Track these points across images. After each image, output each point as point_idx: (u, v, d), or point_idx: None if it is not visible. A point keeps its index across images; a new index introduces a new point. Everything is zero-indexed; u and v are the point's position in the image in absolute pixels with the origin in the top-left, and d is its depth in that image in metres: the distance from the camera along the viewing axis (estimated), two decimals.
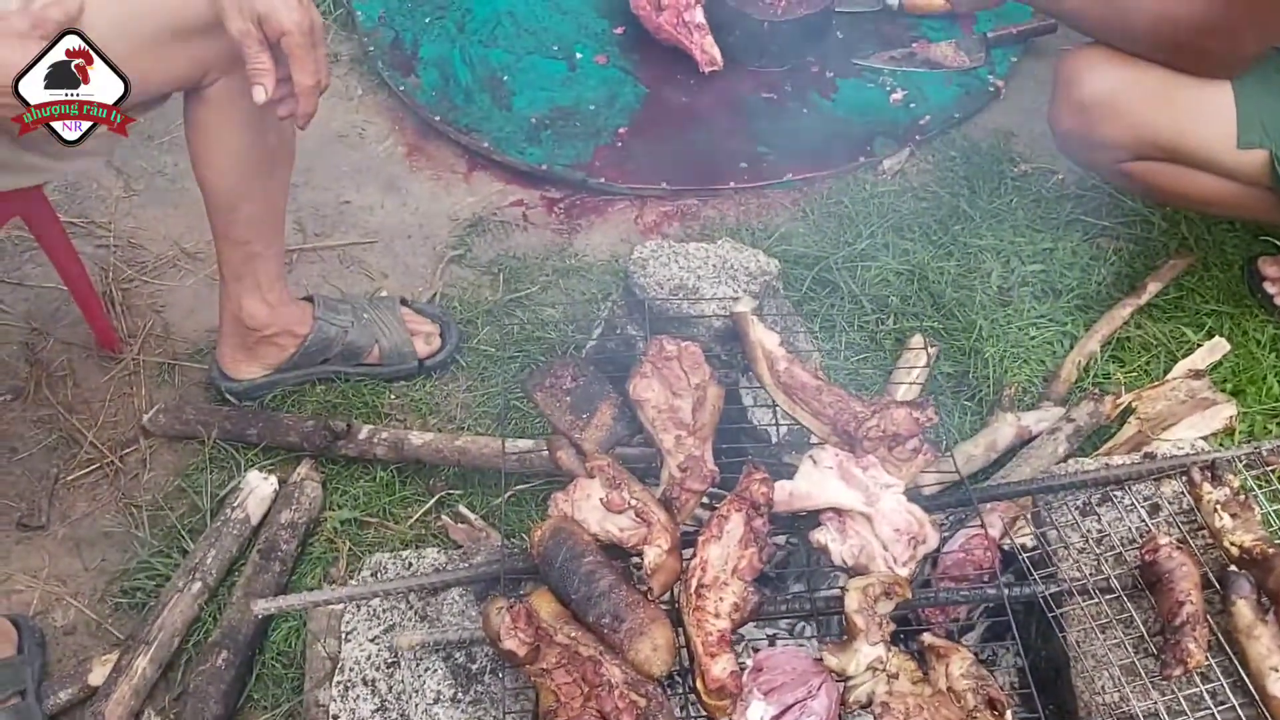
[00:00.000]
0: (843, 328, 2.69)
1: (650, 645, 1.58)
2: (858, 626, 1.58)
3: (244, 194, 2.28)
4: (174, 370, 2.74)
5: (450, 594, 1.88)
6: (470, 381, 2.66)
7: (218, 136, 2.18)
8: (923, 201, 3.00)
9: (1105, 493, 1.91)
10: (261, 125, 2.18)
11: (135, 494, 2.49)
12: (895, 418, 1.86)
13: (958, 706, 1.55)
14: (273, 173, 2.31)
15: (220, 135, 2.18)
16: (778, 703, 1.58)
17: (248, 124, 2.17)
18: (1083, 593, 1.77)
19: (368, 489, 2.45)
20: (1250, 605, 1.65)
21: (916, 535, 1.75)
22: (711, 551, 1.71)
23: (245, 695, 2.18)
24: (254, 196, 2.30)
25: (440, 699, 1.73)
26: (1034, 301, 2.73)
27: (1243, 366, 2.58)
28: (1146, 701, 1.66)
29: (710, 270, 2.29)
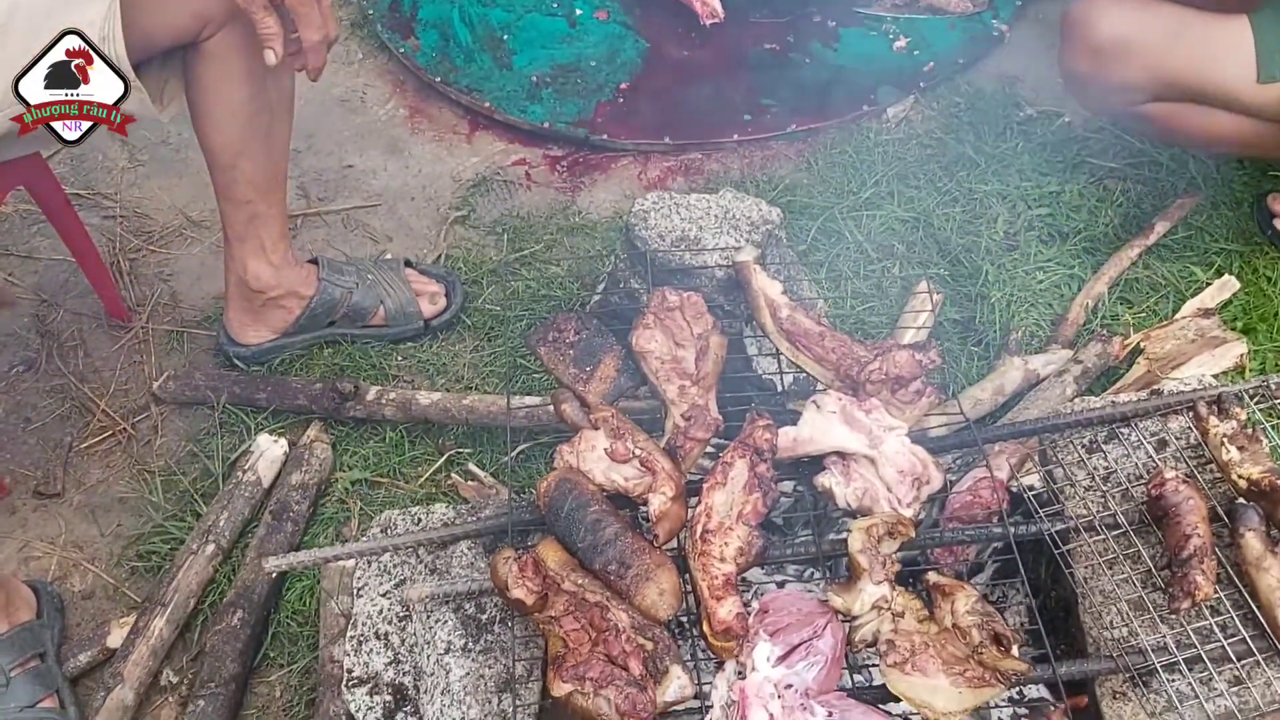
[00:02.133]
0: (848, 277, 2.67)
1: (656, 590, 1.59)
2: (861, 566, 1.59)
3: (245, 150, 2.28)
4: (183, 337, 2.75)
5: (459, 547, 1.89)
6: (477, 341, 2.67)
7: (217, 91, 2.18)
8: (927, 149, 2.98)
9: (1112, 430, 1.90)
10: (261, 79, 2.19)
11: (148, 460, 2.51)
12: (898, 360, 1.85)
13: (963, 643, 1.55)
14: (272, 128, 2.31)
15: (220, 90, 2.18)
16: (784, 643, 1.58)
17: (247, 78, 2.17)
18: (1089, 529, 1.77)
19: (377, 449, 2.46)
20: (1259, 537, 1.65)
21: (920, 476, 1.75)
22: (716, 498, 1.71)
23: (261, 653, 2.21)
24: (255, 153, 2.31)
25: (451, 649, 1.74)
26: (1040, 245, 2.71)
27: (1253, 304, 2.56)
28: (1155, 635, 1.66)
29: (712, 221, 2.28)
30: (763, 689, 1.54)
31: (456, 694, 1.69)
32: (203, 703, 2.07)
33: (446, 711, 1.68)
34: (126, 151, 3.19)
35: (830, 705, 1.54)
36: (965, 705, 1.51)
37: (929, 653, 1.53)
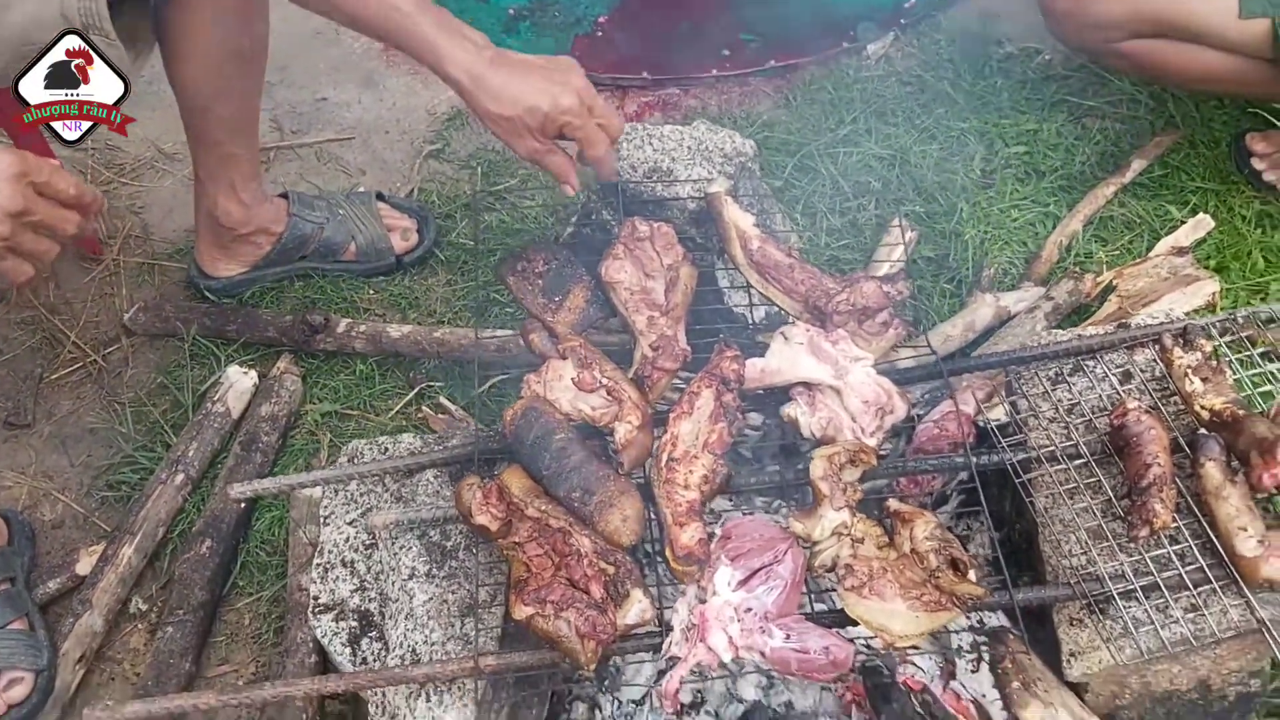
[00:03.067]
0: (824, 213, 2.66)
1: (620, 516, 1.60)
2: (823, 493, 1.59)
3: (218, 95, 2.25)
4: (154, 270, 2.74)
5: (425, 476, 1.89)
6: (449, 276, 2.65)
7: (190, 38, 2.14)
8: (907, 86, 2.96)
9: (1078, 363, 1.90)
10: (234, 25, 2.15)
11: (118, 391, 2.51)
12: (865, 291, 1.85)
13: (921, 568, 1.56)
14: (247, 72, 2.28)
15: (193, 36, 2.13)
16: (744, 568, 1.59)
17: (220, 23, 2.13)
18: (1051, 459, 1.77)
19: (347, 382, 2.46)
20: (1219, 467, 1.65)
21: (885, 406, 1.76)
22: (682, 427, 1.71)
23: (230, 582, 2.22)
24: (228, 97, 2.27)
25: (415, 575, 1.75)
26: (1017, 183, 2.70)
27: (1227, 243, 2.55)
28: (1113, 563, 1.67)
29: (685, 152, 2.26)
30: (722, 612, 1.56)
31: (420, 619, 1.70)
32: (171, 629, 2.08)
33: (410, 636, 1.69)
34: None
35: (788, 628, 1.55)
36: (921, 629, 1.52)
37: (887, 577, 1.54)
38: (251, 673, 2.12)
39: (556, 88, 1.75)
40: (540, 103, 1.74)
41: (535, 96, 1.74)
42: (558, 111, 1.75)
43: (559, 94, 1.74)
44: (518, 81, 1.74)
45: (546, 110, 1.74)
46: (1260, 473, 1.60)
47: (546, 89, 1.74)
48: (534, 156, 1.82)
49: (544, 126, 1.76)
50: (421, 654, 1.66)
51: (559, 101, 1.74)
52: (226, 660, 2.14)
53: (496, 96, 1.74)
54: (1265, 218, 2.60)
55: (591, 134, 1.80)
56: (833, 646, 1.54)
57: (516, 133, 1.78)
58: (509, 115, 1.75)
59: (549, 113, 1.74)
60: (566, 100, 1.75)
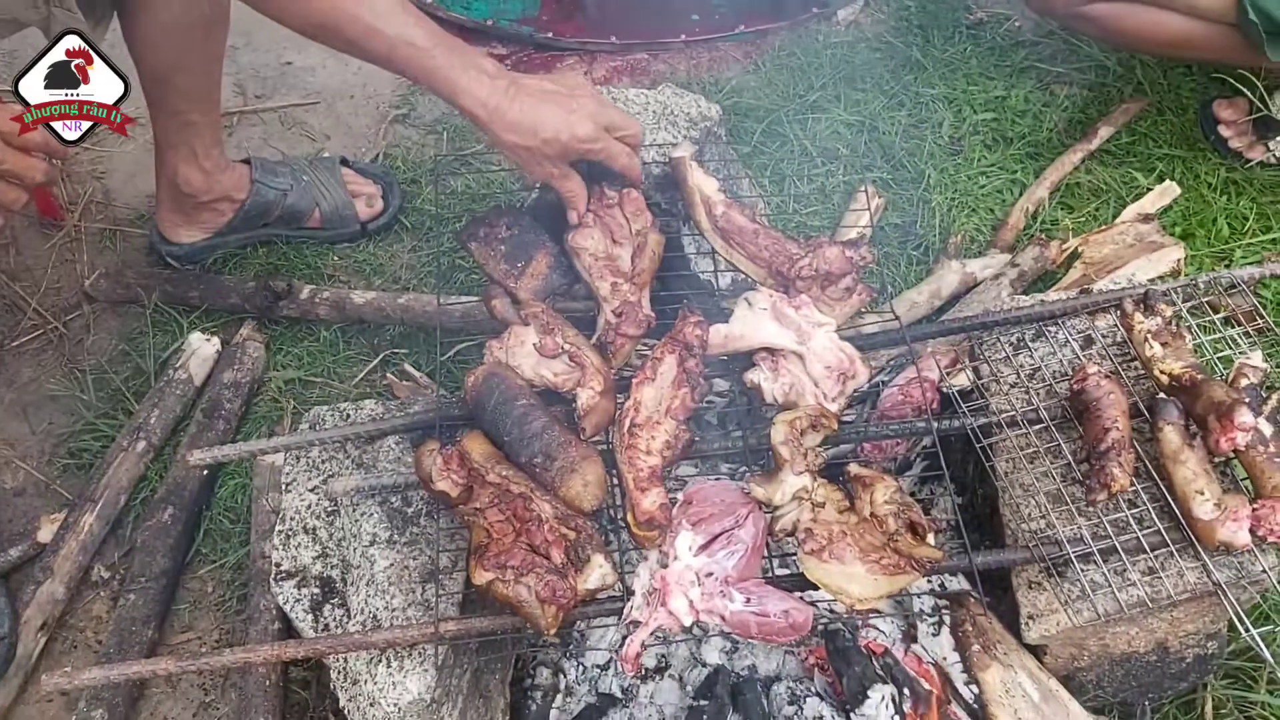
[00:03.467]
0: (792, 180, 2.65)
1: (581, 481, 1.59)
2: (783, 458, 1.59)
3: (178, 64, 2.22)
4: (116, 236, 2.70)
5: (386, 442, 1.88)
6: (415, 242, 2.63)
7: (149, 6, 2.10)
8: (876, 52, 2.94)
9: (1040, 328, 1.91)
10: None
11: (79, 358, 2.48)
12: (828, 256, 1.84)
13: (880, 532, 1.57)
14: (208, 41, 2.24)
15: (152, 4, 2.10)
16: (705, 532, 1.59)
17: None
18: (1012, 424, 1.78)
19: (311, 349, 2.44)
20: (1177, 431, 1.66)
21: (847, 371, 1.75)
22: (645, 393, 1.71)
23: (193, 550, 2.21)
24: (189, 66, 2.24)
25: (377, 541, 1.74)
26: (984, 150, 2.70)
27: (1193, 210, 2.56)
28: (1072, 527, 1.68)
29: (650, 117, 2.24)
30: (683, 576, 1.56)
31: (381, 585, 1.69)
32: (133, 597, 2.07)
33: (371, 602, 1.68)
34: None
35: (749, 592, 1.56)
36: (880, 592, 1.53)
37: (846, 541, 1.55)
38: (215, 640, 2.12)
39: (573, 116, 1.76)
40: (559, 134, 1.76)
41: (553, 128, 1.76)
42: (575, 141, 1.77)
43: (575, 124, 1.76)
44: (533, 112, 1.76)
45: (565, 141, 1.77)
46: (1217, 437, 1.61)
47: (563, 118, 1.76)
48: (551, 180, 1.84)
49: (563, 154, 1.79)
50: (383, 620, 1.66)
51: (576, 132, 1.77)
52: (190, 627, 2.13)
53: (514, 128, 1.76)
54: (1231, 184, 2.61)
55: (613, 150, 1.83)
56: (792, 610, 1.54)
57: (535, 161, 1.80)
58: (528, 146, 1.77)
59: (567, 143, 1.77)
60: (583, 129, 1.77)
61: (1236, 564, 1.66)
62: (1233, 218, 2.54)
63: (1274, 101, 2.55)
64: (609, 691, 1.89)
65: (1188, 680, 1.87)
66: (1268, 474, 1.62)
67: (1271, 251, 2.46)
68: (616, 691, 1.89)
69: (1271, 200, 2.56)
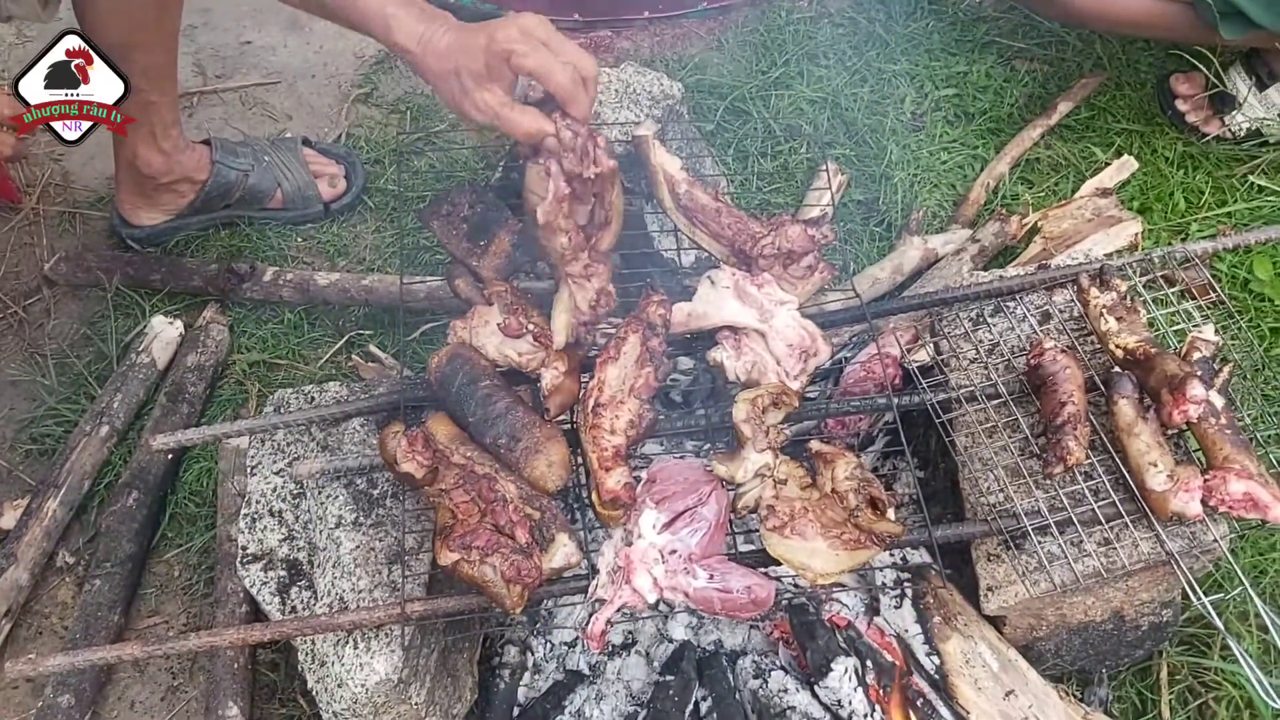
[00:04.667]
0: (755, 157, 2.66)
1: (546, 461, 1.60)
2: (745, 435, 1.61)
3: (133, 43, 2.18)
4: (75, 219, 2.68)
5: (351, 424, 1.88)
6: (379, 222, 2.62)
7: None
8: (839, 28, 2.95)
9: (998, 304, 1.93)
10: None
11: (40, 343, 2.46)
12: (790, 235, 1.85)
13: (842, 507, 1.59)
14: (162, 19, 2.21)
15: None
16: (669, 510, 1.61)
17: None
18: (970, 399, 1.80)
19: (276, 331, 2.43)
20: (1132, 404, 1.69)
21: (809, 349, 1.77)
22: (609, 372, 1.72)
23: (159, 534, 2.20)
24: (144, 45, 2.21)
25: (342, 523, 1.75)
26: (946, 126, 2.71)
27: (1150, 184, 2.59)
28: (1029, 500, 1.71)
29: (612, 95, 2.25)
30: (647, 554, 1.58)
31: (347, 566, 1.70)
32: (99, 582, 2.06)
33: (338, 584, 1.69)
34: (13, 26, 3.04)
35: (712, 569, 1.57)
36: (842, 567, 1.55)
37: (808, 517, 1.57)
38: (183, 624, 2.12)
39: (495, 25, 1.56)
40: (478, 40, 1.56)
41: (474, 40, 1.56)
42: (494, 43, 1.54)
43: (496, 28, 1.55)
44: (463, 35, 1.58)
45: (484, 45, 1.55)
46: (1170, 409, 1.64)
47: (486, 30, 1.56)
48: (491, 115, 1.59)
49: (488, 66, 1.56)
50: (349, 601, 1.66)
51: (496, 34, 1.55)
52: (157, 612, 2.13)
53: (441, 55, 1.59)
54: (1188, 159, 2.64)
55: (547, 62, 1.56)
56: (754, 586, 1.56)
57: (464, 89, 1.58)
58: (451, 68, 1.58)
59: (486, 46, 1.55)
60: (506, 32, 1.55)
61: (1189, 534, 1.69)
62: (1189, 192, 2.57)
63: (1229, 77, 2.58)
64: (576, 668, 1.91)
65: (1144, 648, 1.91)
66: (1219, 445, 1.65)
67: (1226, 225, 2.50)
68: (584, 668, 1.90)
69: (1227, 174, 2.60)
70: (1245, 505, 1.61)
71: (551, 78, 1.57)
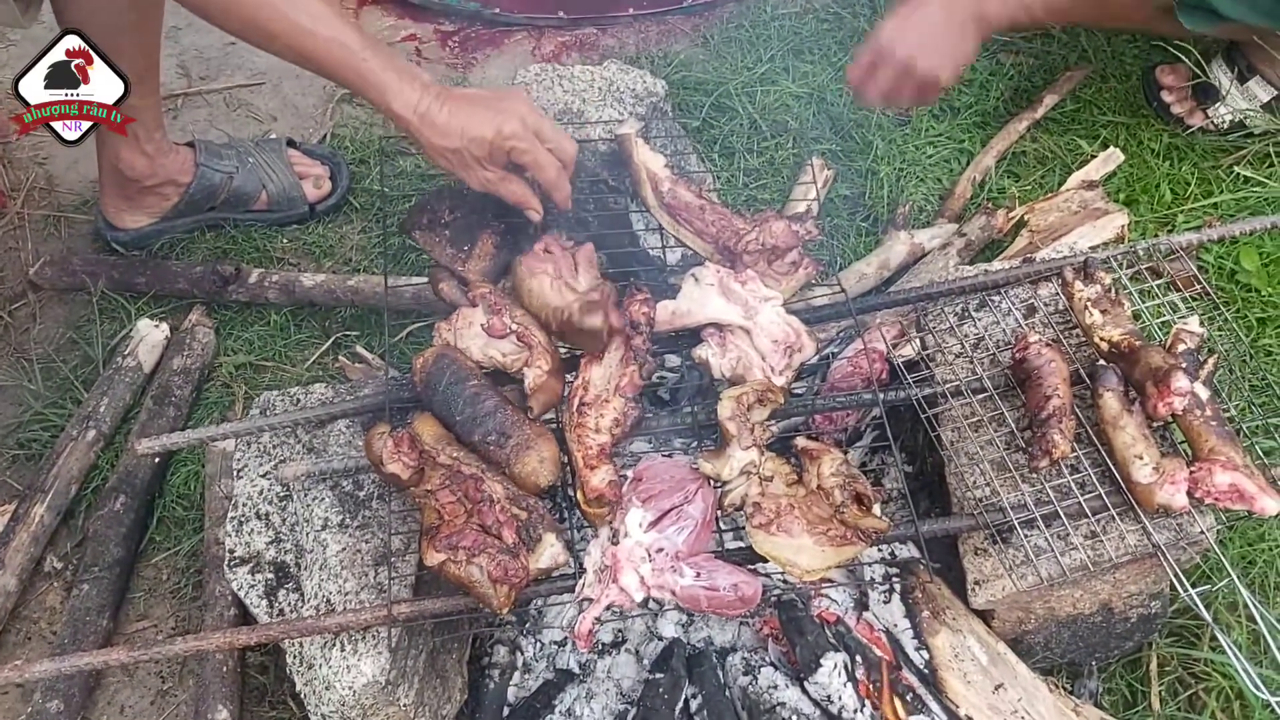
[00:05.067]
0: (741, 154, 2.66)
1: (537, 458, 1.60)
2: (730, 433, 1.61)
3: (114, 47, 2.16)
4: (60, 223, 2.67)
5: (337, 426, 1.88)
6: (364, 223, 2.62)
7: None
8: (824, 23, 2.94)
9: (983, 298, 1.93)
10: None
11: (26, 347, 2.45)
12: (774, 230, 1.85)
13: (828, 504, 1.58)
14: (143, 22, 2.20)
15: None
16: (655, 509, 1.61)
17: None
18: (956, 394, 1.80)
19: (262, 333, 2.43)
20: (1117, 397, 1.69)
21: (793, 345, 1.77)
22: (594, 371, 1.72)
23: (147, 538, 2.19)
24: (125, 49, 2.19)
25: (329, 525, 1.74)
26: (932, 120, 2.71)
27: (1137, 176, 2.59)
28: (1015, 494, 1.71)
29: (596, 93, 2.24)
30: (634, 553, 1.58)
31: (334, 569, 1.69)
32: (87, 587, 2.06)
33: (325, 586, 1.69)
34: None
35: (699, 567, 1.57)
36: (828, 563, 1.55)
37: (794, 514, 1.57)
38: (171, 628, 2.11)
39: (500, 116, 1.71)
40: (484, 131, 1.70)
41: (479, 126, 1.71)
42: (501, 138, 1.71)
43: (503, 121, 1.71)
44: (463, 115, 1.71)
45: (490, 138, 1.71)
46: (1155, 402, 1.64)
47: (491, 118, 1.71)
48: (488, 187, 1.78)
49: (491, 154, 1.73)
50: (336, 604, 1.66)
51: (502, 128, 1.71)
52: (145, 616, 2.13)
53: (443, 131, 1.71)
54: (1173, 150, 2.64)
55: (540, 158, 1.76)
56: (741, 583, 1.56)
57: (465, 164, 1.75)
58: (455, 148, 1.72)
59: (493, 140, 1.71)
60: (510, 126, 1.71)
61: (1176, 526, 1.70)
62: (1175, 183, 2.57)
63: (1211, 69, 2.58)
64: (566, 667, 1.90)
65: (1133, 640, 1.91)
66: (1204, 437, 1.65)
67: (1212, 216, 2.50)
68: (574, 667, 1.90)
69: (1212, 165, 2.60)
70: (1231, 496, 1.62)
71: (543, 173, 1.77)
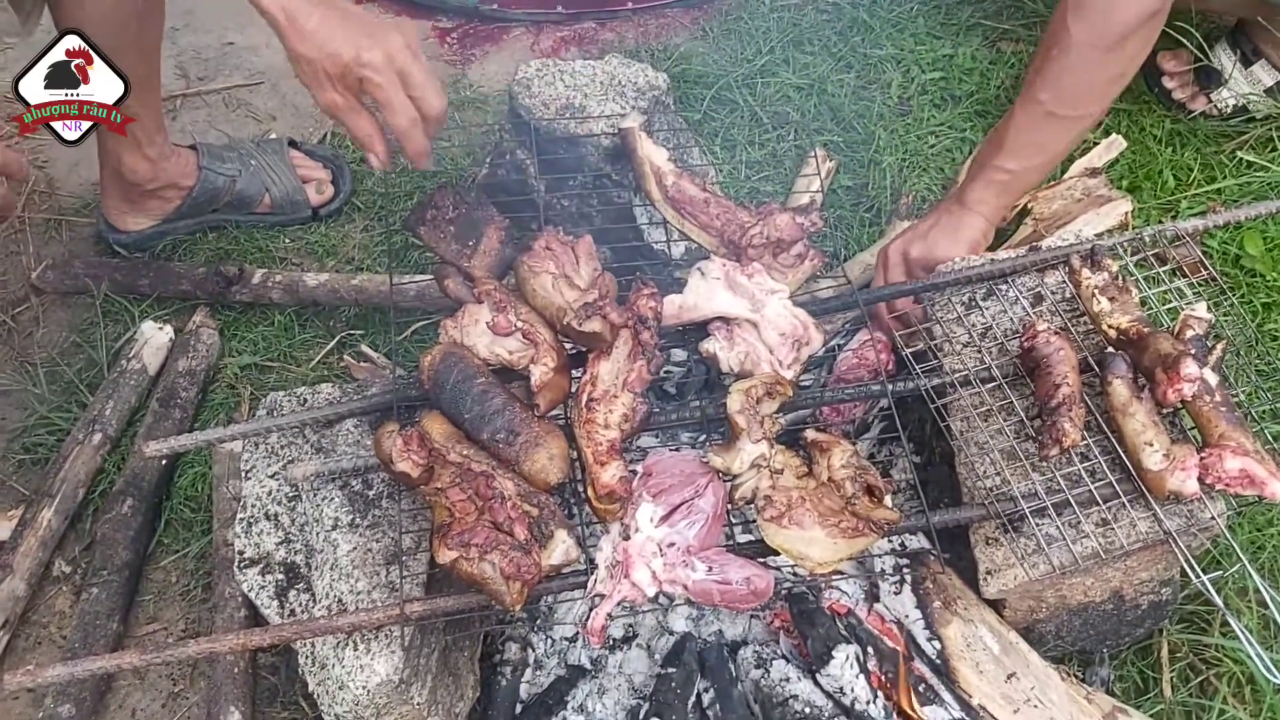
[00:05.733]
0: (743, 146, 2.65)
1: (547, 455, 1.60)
2: (740, 426, 1.61)
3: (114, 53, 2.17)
4: (61, 226, 2.66)
5: (345, 425, 1.87)
6: (366, 222, 2.61)
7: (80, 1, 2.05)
8: (823, 14, 2.93)
9: (990, 287, 1.93)
10: None
11: (30, 352, 2.44)
12: (779, 223, 1.85)
13: (838, 495, 1.58)
14: (143, 29, 2.19)
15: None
16: (666, 504, 1.61)
17: None
18: (965, 383, 1.80)
19: (266, 334, 2.42)
20: (1126, 384, 1.69)
21: (801, 337, 1.77)
22: (602, 367, 1.71)
23: (155, 541, 2.19)
24: (125, 55, 2.17)
25: (339, 525, 1.74)
26: (933, 109, 2.70)
27: (1139, 162, 2.59)
28: (1026, 483, 1.70)
29: (598, 88, 2.24)
30: (645, 548, 1.57)
31: (345, 568, 1.69)
32: (96, 590, 2.06)
33: (336, 586, 1.68)
34: None
35: (710, 561, 1.57)
36: (840, 555, 1.55)
37: (805, 506, 1.56)
38: (181, 630, 2.11)
39: (366, 40, 1.59)
40: (342, 50, 1.58)
41: (340, 44, 1.58)
42: (358, 63, 1.59)
43: (365, 46, 1.59)
44: (332, 26, 1.59)
45: (346, 59, 1.58)
46: (1164, 388, 1.64)
47: (355, 40, 1.59)
48: (334, 111, 1.65)
49: (343, 76, 1.61)
50: (348, 603, 1.66)
51: (362, 54, 1.58)
52: (155, 618, 2.12)
53: (305, 37, 1.59)
54: (1176, 136, 2.64)
55: (393, 99, 1.63)
56: (753, 577, 1.56)
57: (317, 79, 1.62)
58: (311, 57, 1.60)
59: (349, 62, 1.59)
60: (370, 55, 1.59)
61: (1186, 512, 1.69)
62: (1178, 169, 2.57)
63: (1214, 53, 2.58)
64: (578, 663, 1.90)
65: (1144, 627, 1.91)
66: (1214, 423, 1.65)
67: (1216, 201, 2.49)
68: (585, 663, 1.90)
69: (1215, 151, 2.59)
70: (1242, 482, 1.61)
71: (392, 117, 1.65)
